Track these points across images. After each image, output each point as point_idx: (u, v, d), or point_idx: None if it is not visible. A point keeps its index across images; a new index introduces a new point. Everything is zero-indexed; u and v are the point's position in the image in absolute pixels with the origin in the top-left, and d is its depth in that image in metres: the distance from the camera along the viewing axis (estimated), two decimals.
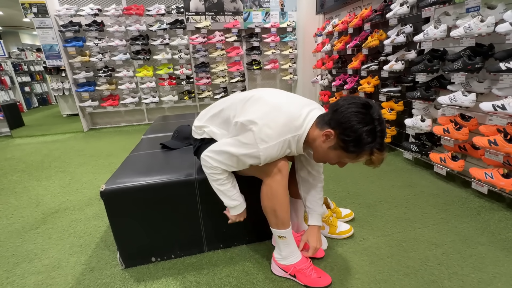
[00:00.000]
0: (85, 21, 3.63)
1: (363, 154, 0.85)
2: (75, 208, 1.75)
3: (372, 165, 0.87)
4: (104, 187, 1.07)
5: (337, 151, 0.88)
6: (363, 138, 0.81)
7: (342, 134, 0.83)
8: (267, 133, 0.88)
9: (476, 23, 1.52)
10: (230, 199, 1.03)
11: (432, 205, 1.61)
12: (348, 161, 0.90)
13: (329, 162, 0.95)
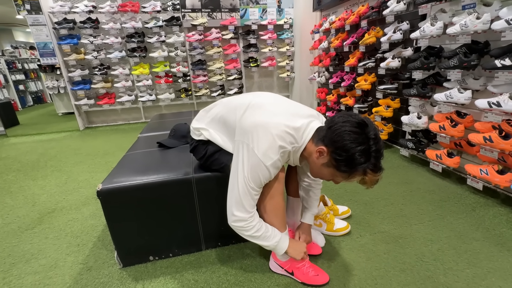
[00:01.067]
0: (80, 18, 3.58)
1: (355, 174, 0.83)
2: (72, 208, 1.74)
3: (365, 185, 0.86)
4: (101, 187, 1.06)
5: (330, 169, 0.87)
6: (355, 158, 0.79)
7: (334, 152, 0.82)
8: (267, 147, 0.87)
9: (472, 20, 1.53)
10: (269, 240, 0.97)
11: (428, 201, 1.63)
12: (341, 180, 0.89)
13: (323, 179, 0.96)
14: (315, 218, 1.38)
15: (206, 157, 1.08)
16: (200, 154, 1.12)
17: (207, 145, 1.09)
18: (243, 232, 0.95)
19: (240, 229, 0.94)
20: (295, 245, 1.04)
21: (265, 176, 0.89)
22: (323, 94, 3.63)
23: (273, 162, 0.87)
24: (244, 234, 0.95)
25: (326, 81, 3.47)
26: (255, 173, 0.88)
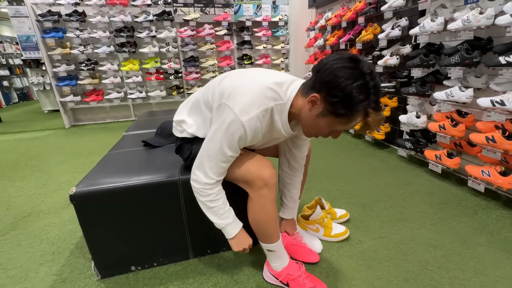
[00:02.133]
0: (65, 10, 3.41)
1: (356, 115, 0.71)
2: (50, 211, 1.61)
3: (369, 129, 0.75)
4: (75, 190, 0.95)
5: (327, 118, 0.75)
6: (353, 96, 0.68)
7: (328, 95, 0.71)
8: (246, 102, 0.77)
9: (475, 15, 1.46)
10: (220, 217, 0.90)
11: (429, 204, 1.56)
12: (341, 127, 0.77)
13: (320, 134, 0.82)
14: (311, 222, 1.30)
15: (191, 158, 0.98)
16: (185, 155, 1.02)
17: (191, 144, 0.98)
18: (198, 196, 0.90)
19: (195, 190, 0.89)
20: (241, 237, 0.95)
21: (240, 135, 0.78)
22: None
23: (250, 119, 0.76)
24: (199, 199, 0.90)
25: None
26: (229, 131, 0.78)
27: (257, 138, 0.84)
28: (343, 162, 2.21)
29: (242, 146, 0.84)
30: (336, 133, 0.80)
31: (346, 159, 2.29)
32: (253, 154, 0.94)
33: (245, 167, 0.89)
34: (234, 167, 0.90)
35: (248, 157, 0.91)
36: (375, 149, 2.48)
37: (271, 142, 0.97)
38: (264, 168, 0.88)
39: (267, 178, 0.87)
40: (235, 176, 0.91)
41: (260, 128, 0.80)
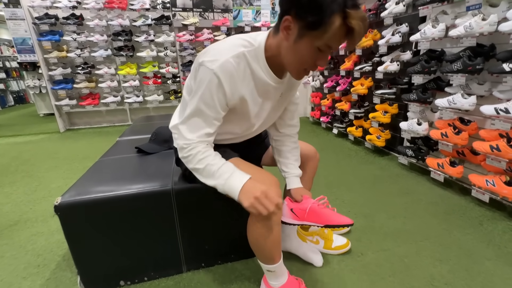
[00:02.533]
0: (63, 13, 3.38)
1: (333, 20, 0.61)
2: (38, 220, 1.54)
3: (355, 37, 0.64)
4: (60, 200, 0.89)
5: (305, 39, 0.66)
6: (324, 6, 0.60)
7: (298, 9, 0.64)
8: (216, 52, 0.72)
9: (478, 22, 1.44)
10: (216, 177, 0.75)
11: (432, 214, 1.51)
12: (323, 44, 0.66)
13: (307, 66, 0.72)
14: (311, 234, 1.24)
15: (188, 173, 0.90)
16: (182, 168, 0.97)
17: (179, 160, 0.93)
18: (186, 163, 0.81)
19: (180, 154, 0.80)
20: (249, 185, 0.74)
21: (215, 85, 0.71)
22: (318, 98, 3.53)
23: (221, 64, 0.70)
24: (189, 167, 0.81)
25: (320, 85, 3.37)
26: (203, 86, 0.72)
27: (238, 90, 0.75)
28: (343, 170, 2.16)
29: (226, 103, 0.75)
30: (321, 57, 0.70)
31: (346, 166, 2.24)
32: (256, 169, 0.86)
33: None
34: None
35: (249, 172, 0.80)
36: (375, 156, 2.43)
37: (267, 109, 0.87)
38: (268, 186, 0.76)
39: (271, 197, 0.73)
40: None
41: (235, 74, 0.72)
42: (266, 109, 0.87)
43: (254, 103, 0.81)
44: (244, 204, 0.73)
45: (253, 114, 0.84)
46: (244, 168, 0.81)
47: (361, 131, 2.66)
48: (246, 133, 0.94)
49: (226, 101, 0.75)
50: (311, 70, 0.74)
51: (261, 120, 0.90)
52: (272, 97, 0.86)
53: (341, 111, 3.01)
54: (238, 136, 0.95)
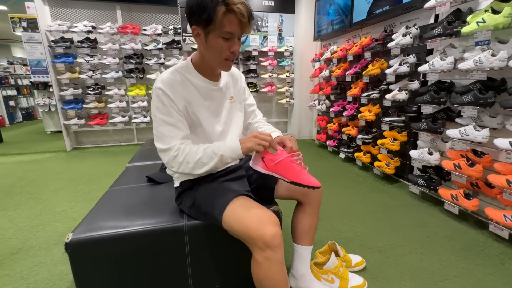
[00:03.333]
0: (78, 37, 3.51)
1: (218, 12, 0.76)
2: (41, 248, 1.49)
3: (239, 18, 0.78)
4: (71, 237, 0.86)
5: (210, 35, 0.81)
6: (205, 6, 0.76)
7: (194, 19, 0.80)
8: (157, 79, 0.89)
9: (487, 57, 1.46)
10: (215, 153, 0.85)
11: (449, 250, 1.45)
12: (224, 33, 0.80)
13: (224, 55, 0.85)
14: (325, 272, 1.18)
15: (196, 205, 0.94)
16: (187, 203, 0.98)
17: (194, 190, 0.96)
18: (184, 168, 0.86)
19: (169, 165, 0.88)
20: (244, 138, 0.87)
21: (161, 94, 0.85)
22: (324, 122, 3.54)
23: (162, 80, 0.86)
24: (190, 170, 0.87)
25: (327, 109, 3.40)
26: (154, 101, 0.87)
27: (181, 94, 0.87)
28: (352, 198, 2.12)
29: (177, 107, 0.86)
30: (232, 44, 0.83)
31: (355, 194, 2.20)
32: (255, 206, 0.86)
33: (244, 223, 0.80)
34: (232, 219, 0.82)
35: (247, 209, 0.83)
36: (384, 184, 2.39)
37: (222, 109, 0.99)
38: (265, 226, 0.77)
39: (269, 239, 0.75)
40: (234, 231, 0.83)
41: (174, 83, 0.86)
42: (220, 109, 0.99)
43: (200, 105, 0.92)
44: (249, 145, 0.84)
45: (205, 114, 0.94)
46: (246, 205, 0.86)
47: (369, 157, 2.64)
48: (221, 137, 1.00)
49: (175, 104, 0.86)
50: (231, 58, 0.87)
51: (222, 119, 0.99)
52: (220, 99, 0.98)
53: (348, 136, 3.01)
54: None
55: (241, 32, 0.83)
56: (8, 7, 5.04)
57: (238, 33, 0.82)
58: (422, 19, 2.16)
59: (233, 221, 0.82)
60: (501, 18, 1.39)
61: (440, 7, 1.76)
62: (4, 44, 9.73)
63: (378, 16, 2.48)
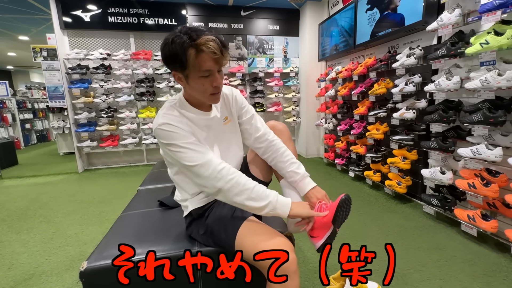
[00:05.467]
0: (93, 64, 3.71)
1: (189, 55, 0.77)
2: (53, 273, 1.50)
3: (211, 54, 0.78)
4: (86, 265, 0.87)
5: (190, 77, 0.82)
6: (171, 48, 0.78)
7: (171, 65, 0.83)
8: (154, 119, 0.90)
9: (494, 77, 1.48)
10: (261, 198, 0.83)
11: (470, 276, 1.38)
12: (202, 72, 0.81)
13: (208, 90, 0.85)
14: None
15: (210, 231, 0.95)
16: (200, 231, 0.98)
17: (204, 219, 0.97)
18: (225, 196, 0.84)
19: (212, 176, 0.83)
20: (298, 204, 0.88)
21: (171, 128, 0.84)
22: (331, 140, 3.55)
23: (160, 119, 0.86)
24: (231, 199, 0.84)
25: (334, 128, 3.42)
26: (164, 138, 0.86)
27: (182, 123, 0.86)
28: (364, 219, 2.07)
29: (186, 131, 0.86)
30: (212, 80, 0.83)
31: (367, 215, 2.15)
32: (266, 231, 0.87)
33: (257, 246, 0.80)
34: (246, 246, 0.82)
35: (260, 235, 0.84)
36: (397, 203, 2.34)
37: (221, 134, 0.99)
38: (282, 249, 0.78)
39: (285, 265, 0.76)
40: (249, 256, 0.82)
41: (173, 118, 0.86)
42: (217, 135, 0.98)
43: (199, 136, 0.91)
44: (304, 212, 0.86)
45: (206, 136, 0.95)
46: (257, 231, 0.87)
47: (380, 176, 2.61)
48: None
49: (183, 129, 0.86)
50: (216, 91, 0.87)
51: (219, 144, 0.99)
52: (216, 126, 0.98)
53: (356, 154, 2.99)
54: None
55: (219, 66, 0.83)
56: (30, 37, 5.40)
57: (215, 68, 0.82)
58: (425, 40, 2.21)
59: (248, 248, 0.82)
60: (504, 40, 1.42)
61: (442, 29, 1.81)
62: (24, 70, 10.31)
63: (381, 38, 2.56)
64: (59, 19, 3.54)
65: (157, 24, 3.85)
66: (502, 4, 1.43)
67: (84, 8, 3.61)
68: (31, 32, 5.03)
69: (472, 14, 1.73)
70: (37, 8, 3.85)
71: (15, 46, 6.46)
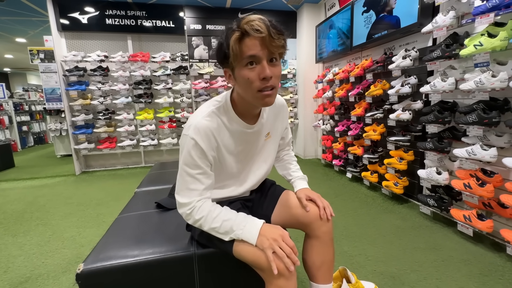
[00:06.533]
0: (91, 66, 3.70)
1: (231, 42, 0.70)
2: (49, 276, 1.49)
3: (254, 35, 0.68)
4: (82, 268, 0.87)
5: (237, 69, 0.74)
6: (221, 41, 0.74)
7: (219, 60, 0.78)
8: (190, 119, 0.83)
9: (488, 78, 1.50)
10: (233, 230, 0.79)
11: (467, 275, 1.39)
12: (245, 59, 0.71)
13: (255, 84, 0.73)
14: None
15: (201, 238, 0.94)
16: (198, 230, 0.95)
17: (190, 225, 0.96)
18: (201, 225, 0.82)
19: (184, 216, 0.85)
20: (266, 230, 0.78)
21: (192, 145, 0.78)
22: (329, 141, 3.56)
23: (195, 126, 0.79)
24: (206, 230, 0.83)
25: (331, 129, 3.43)
26: (184, 151, 0.80)
27: (213, 143, 0.81)
28: (361, 219, 2.08)
29: (207, 158, 0.81)
30: (259, 70, 0.72)
31: (365, 215, 2.16)
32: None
33: (256, 252, 0.77)
34: (243, 248, 0.81)
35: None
36: (394, 204, 2.35)
37: (253, 152, 0.94)
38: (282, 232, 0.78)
39: (281, 267, 0.73)
40: (245, 258, 0.81)
41: (208, 127, 0.80)
42: (251, 149, 0.93)
43: (230, 152, 0.87)
44: (265, 245, 0.75)
45: (231, 160, 0.89)
46: None
47: (377, 177, 2.62)
48: (245, 176, 0.97)
49: (206, 156, 0.81)
50: (266, 88, 0.75)
51: (250, 158, 0.95)
52: (253, 140, 0.92)
53: (354, 155, 3.01)
54: (238, 182, 0.97)
55: (267, 52, 0.70)
56: (27, 39, 5.38)
57: (262, 54, 0.70)
58: (420, 42, 2.23)
59: (244, 250, 0.82)
60: (497, 42, 1.44)
61: (437, 31, 1.83)
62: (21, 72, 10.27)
63: (377, 40, 2.58)
64: (56, 21, 3.54)
65: (154, 26, 3.86)
66: (495, 7, 1.45)
67: (81, 11, 3.61)
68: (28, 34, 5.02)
69: (466, 16, 1.75)
70: (34, 10, 3.84)
71: (12, 48, 6.43)
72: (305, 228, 0.98)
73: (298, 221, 0.98)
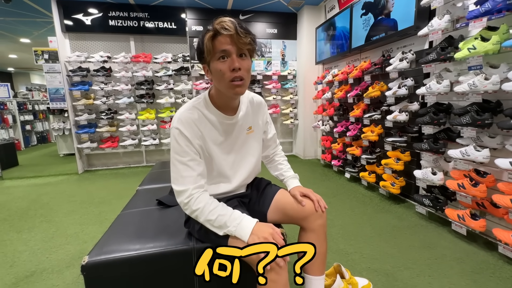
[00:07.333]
0: (94, 67, 3.76)
1: (205, 40, 0.81)
2: (54, 271, 1.54)
3: (224, 33, 0.79)
4: (87, 260, 0.92)
5: (211, 66, 0.85)
6: (199, 41, 0.85)
7: (198, 58, 0.88)
8: (175, 115, 0.91)
9: (481, 81, 1.53)
10: (227, 225, 0.83)
11: (459, 273, 1.43)
12: (217, 54, 0.81)
13: (226, 75, 0.82)
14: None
15: (204, 228, 0.95)
16: (197, 227, 1.00)
17: (190, 221, 1.02)
18: (197, 216, 0.88)
19: (185, 209, 0.89)
20: (258, 229, 0.83)
21: (178, 134, 0.87)
22: (328, 142, 3.60)
23: (179, 118, 0.88)
24: (201, 221, 0.88)
25: (330, 130, 3.47)
26: (172, 141, 0.89)
27: (196, 131, 0.89)
28: (358, 219, 2.12)
29: (193, 145, 0.88)
30: (229, 62, 0.81)
31: (361, 214, 2.20)
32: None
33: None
34: (236, 243, 0.84)
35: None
36: (390, 204, 2.38)
37: (237, 143, 1.00)
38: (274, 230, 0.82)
39: (277, 239, 0.79)
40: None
41: (191, 121, 0.88)
42: (235, 142, 1.00)
43: (214, 142, 0.95)
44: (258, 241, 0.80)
45: (218, 151, 0.96)
46: None
47: (375, 177, 2.66)
48: (235, 171, 1.02)
49: (191, 144, 0.88)
50: (235, 78, 0.83)
51: (236, 151, 1.01)
52: (236, 132, 0.99)
53: (352, 156, 3.05)
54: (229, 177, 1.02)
55: (236, 48, 0.80)
56: (31, 40, 5.46)
57: (232, 49, 0.80)
58: (417, 44, 2.27)
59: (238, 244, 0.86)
60: (490, 45, 1.48)
61: (432, 34, 1.86)
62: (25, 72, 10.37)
63: (375, 42, 2.62)
64: (60, 22, 3.60)
65: (157, 27, 3.91)
66: (487, 11, 1.49)
67: (85, 12, 3.67)
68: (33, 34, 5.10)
69: (460, 20, 1.79)
70: (39, 12, 3.91)
71: (17, 49, 6.52)
72: (301, 222, 1.02)
73: (294, 216, 1.03)
